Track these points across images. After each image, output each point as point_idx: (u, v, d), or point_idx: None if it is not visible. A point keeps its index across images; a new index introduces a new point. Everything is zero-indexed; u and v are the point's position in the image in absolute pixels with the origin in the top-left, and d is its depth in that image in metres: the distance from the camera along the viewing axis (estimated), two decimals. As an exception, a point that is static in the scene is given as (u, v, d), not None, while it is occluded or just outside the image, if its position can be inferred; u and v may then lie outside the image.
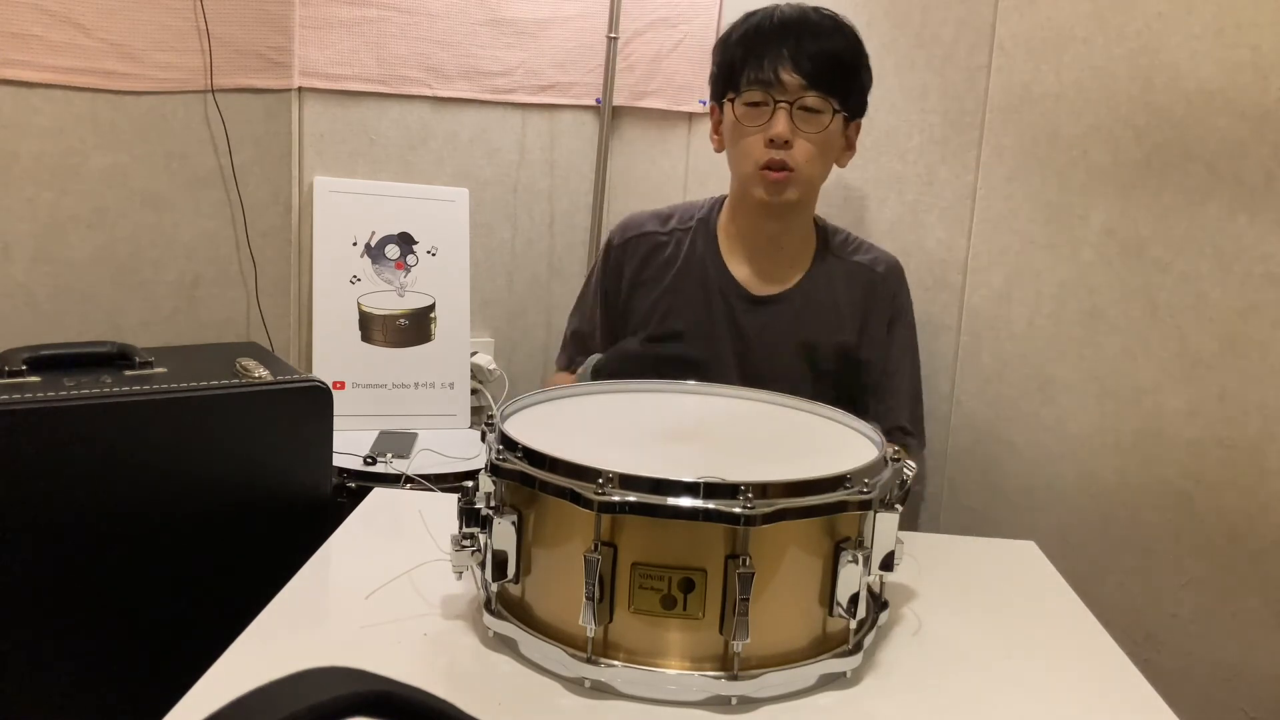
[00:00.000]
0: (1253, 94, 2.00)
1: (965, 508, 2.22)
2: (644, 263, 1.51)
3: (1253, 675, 2.13)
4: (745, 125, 1.37)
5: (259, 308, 2.22)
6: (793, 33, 1.36)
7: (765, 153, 1.36)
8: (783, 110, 1.34)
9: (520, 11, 2.24)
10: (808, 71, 1.34)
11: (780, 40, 1.35)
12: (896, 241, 2.19)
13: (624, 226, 1.56)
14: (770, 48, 1.35)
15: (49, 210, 1.96)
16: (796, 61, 1.34)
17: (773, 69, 1.34)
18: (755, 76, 1.35)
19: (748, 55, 1.37)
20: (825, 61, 1.36)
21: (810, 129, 1.36)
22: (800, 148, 1.36)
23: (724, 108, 1.42)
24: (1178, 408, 2.11)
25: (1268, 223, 2.03)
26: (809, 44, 1.35)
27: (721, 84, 1.42)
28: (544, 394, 1.15)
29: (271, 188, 2.22)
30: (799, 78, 1.34)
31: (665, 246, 1.51)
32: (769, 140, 1.35)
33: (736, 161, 1.41)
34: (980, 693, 0.93)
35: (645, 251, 1.52)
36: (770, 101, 1.35)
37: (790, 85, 1.34)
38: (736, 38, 1.40)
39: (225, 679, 0.88)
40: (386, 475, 1.88)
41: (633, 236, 1.53)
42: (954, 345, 2.19)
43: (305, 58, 2.21)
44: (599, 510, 0.85)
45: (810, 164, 1.38)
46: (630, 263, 1.52)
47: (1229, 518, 2.11)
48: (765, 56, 1.35)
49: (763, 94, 1.35)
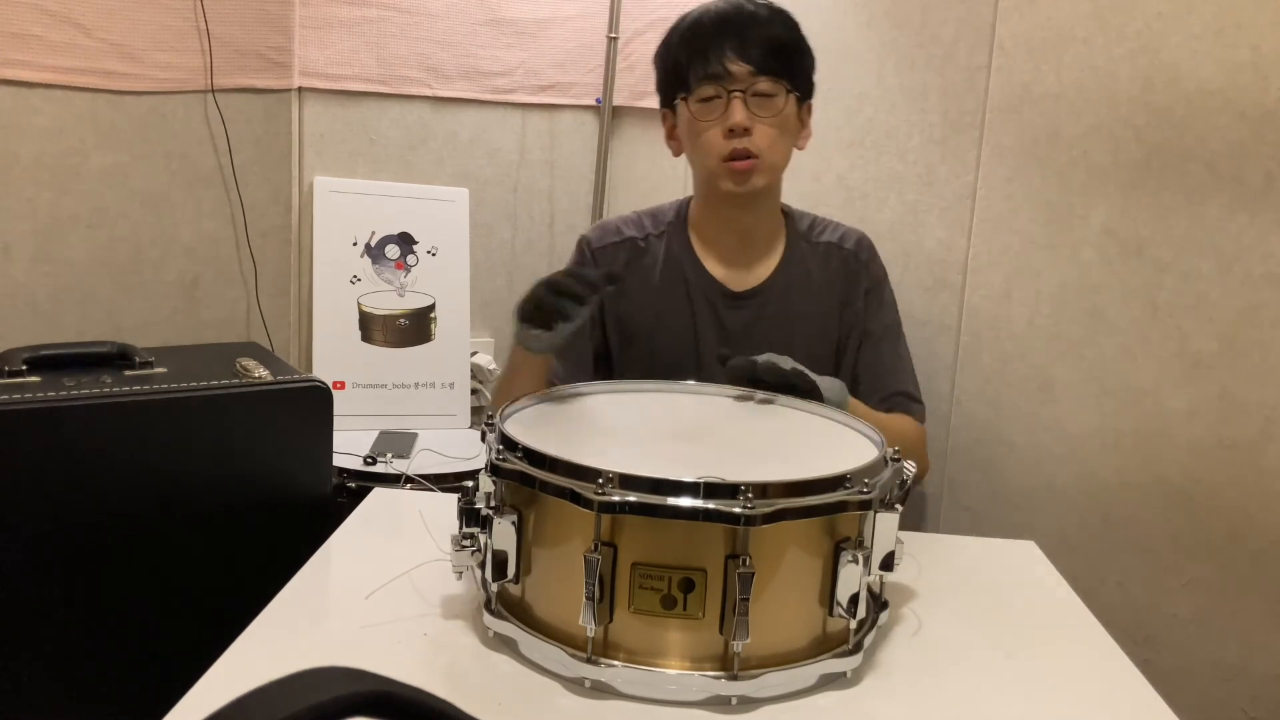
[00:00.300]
0: (1253, 94, 2.00)
1: (965, 508, 2.22)
2: (625, 268, 1.49)
3: (1253, 675, 2.13)
4: (702, 121, 1.37)
5: (259, 308, 2.22)
6: (733, 24, 1.36)
7: (726, 144, 1.36)
8: (737, 99, 1.34)
9: (520, 11, 2.24)
10: (755, 59, 1.35)
11: (722, 34, 1.36)
12: (896, 241, 2.19)
13: (601, 231, 1.53)
14: (714, 42, 1.35)
15: (49, 210, 1.96)
16: (742, 51, 1.35)
17: (720, 62, 1.34)
18: (704, 72, 1.36)
19: (693, 54, 1.37)
20: (770, 47, 1.37)
21: (767, 113, 1.36)
22: (760, 133, 1.36)
23: (677, 110, 1.42)
24: (1178, 408, 2.11)
25: (1268, 223, 2.03)
26: (751, 33, 1.36)
27: (671, 87, 1.42)
28: (544, 394, 1.15)
29: (271, 188, 2.22)
30: (747, 66, 1.35)
31: (644, 252, 1.50)
32: (728, 131, 1.35)
33: (699, 159, 1.41)
34: (980, 693, 0.93)
35: (626, 258, 1.50)
36: (723, 93, 1.35)
37: (740, 74, 1.34)
38: (678, 40, 1.41)
39: (225, 679, 0.88)
40: (386, 475, 1.88)
41: (612, 242, 1.51)
42: (954, 345, 2.19)
43: (305, 58, 2.21)
44: (599, 510, 0.85)
45: (773, 148, 1.39)
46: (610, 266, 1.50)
47: (1229, 518, 2.10)
48: (710, 51, 1.35)
49: (714, 87, 1.35)
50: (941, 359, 2.21)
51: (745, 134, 1.35)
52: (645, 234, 1.50)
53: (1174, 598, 2.15)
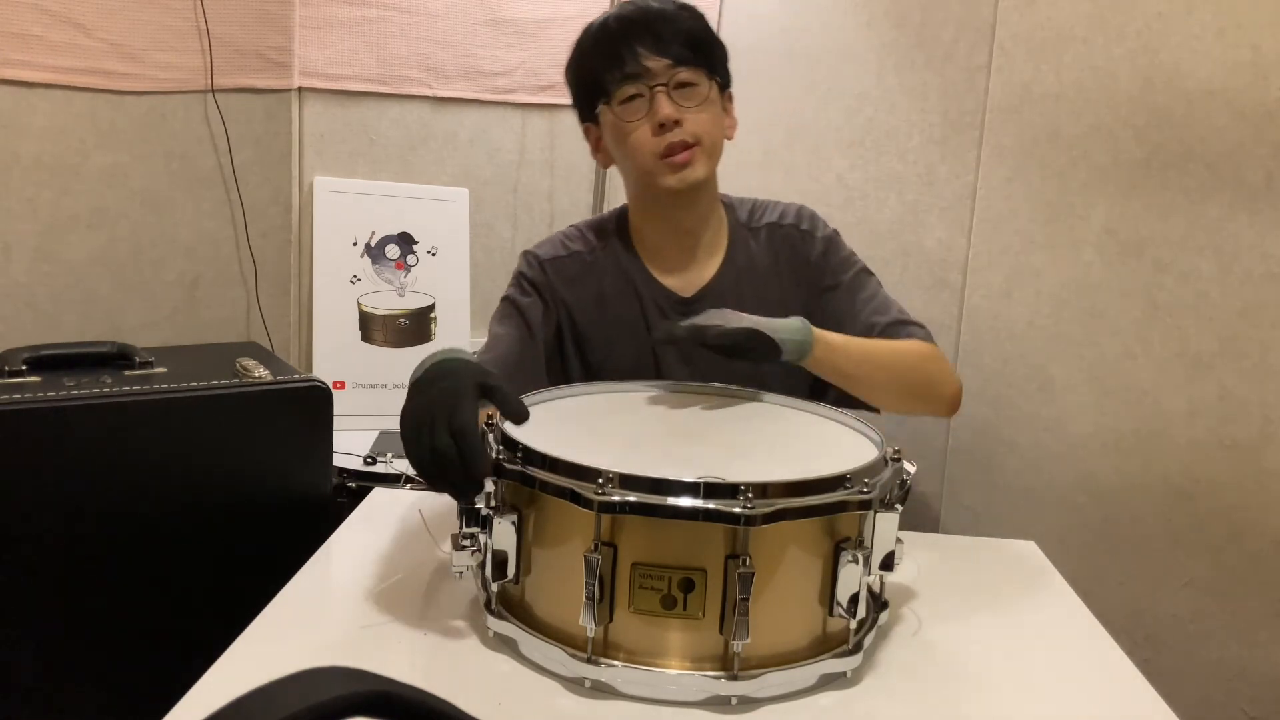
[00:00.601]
0: (1253, 94, 2.00)
1: (965, 508, 2.22)
2: (574, 286, 1.42)
3: (1253, 675, 2.13)
4: (628, 122, 1.33)
5: (259, 308, 2.22)
6: (641, 22, 1.34)
7: (659, 140, 1.31)
8: (660, 92, 1.31)
9: (520, 11, 2.24)
10: (671, 51, 1.32)
11: (632, 33, 1.33)
12: (896, 241, 2.19)
13: (548, 245, 1.45)
14: (626, 43, 1.33)
15: (49, 210, 1.96)
16: (657, 45, 1.31)
17: (636, 60, 1.31)
18: (622, 74, 1.32)
19: (607, 59, 1.34)
20: (684, 38, 1.33)
21: (692, 102, 1.32)
22: (692, 120, 1.32)
23: (600, 120, 1.38)
24: (1178, 408, 2.11)
25: (1268, 223, 2.03)
26: (662, 27, 1.33)
27: (589, 98, 1.38)
28: (544, 394, 1.15)
29: (271, 188, 2.22)
30: (664, 59, 1.31)
31: (592, 266, 1.43)
32: (658, 126, 1.31)
33: (632, 162, 1.35)
34: (980, 693, 0.93)
35: (575, 271, 1.42)
36: (645, 90, 1.31)
37: (658, 69, 1.31)
38: (589, 49, 1.38)
39: (225, 679, 0.88)
40: (386, 475, 1.88)
41: (561, 256, 1.43)
42: (954, 345, 2.19)
43: (305, 58, 2.21)
44: (599, 510, 0.85)
45: (708, 134, 1.34)
46: (560, 280, 1.42)
47: (1229, 518, 2.11)
48: (624, 52, 1.32)
49: (635, 86, 1.32)
50: (941, 359, 2.21)
51: (676, 125, 1.31)
52: (591, 248, 1.44)
53: (1174, 598, 2.15)
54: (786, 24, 2.17)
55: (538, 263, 1.42)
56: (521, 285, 1.41)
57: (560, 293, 1.41)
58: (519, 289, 1.41)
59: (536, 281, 1.41)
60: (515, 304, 1.40)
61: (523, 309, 1.39)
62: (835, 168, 2.18)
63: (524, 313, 1.39)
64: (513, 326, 1.38)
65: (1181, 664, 2.14)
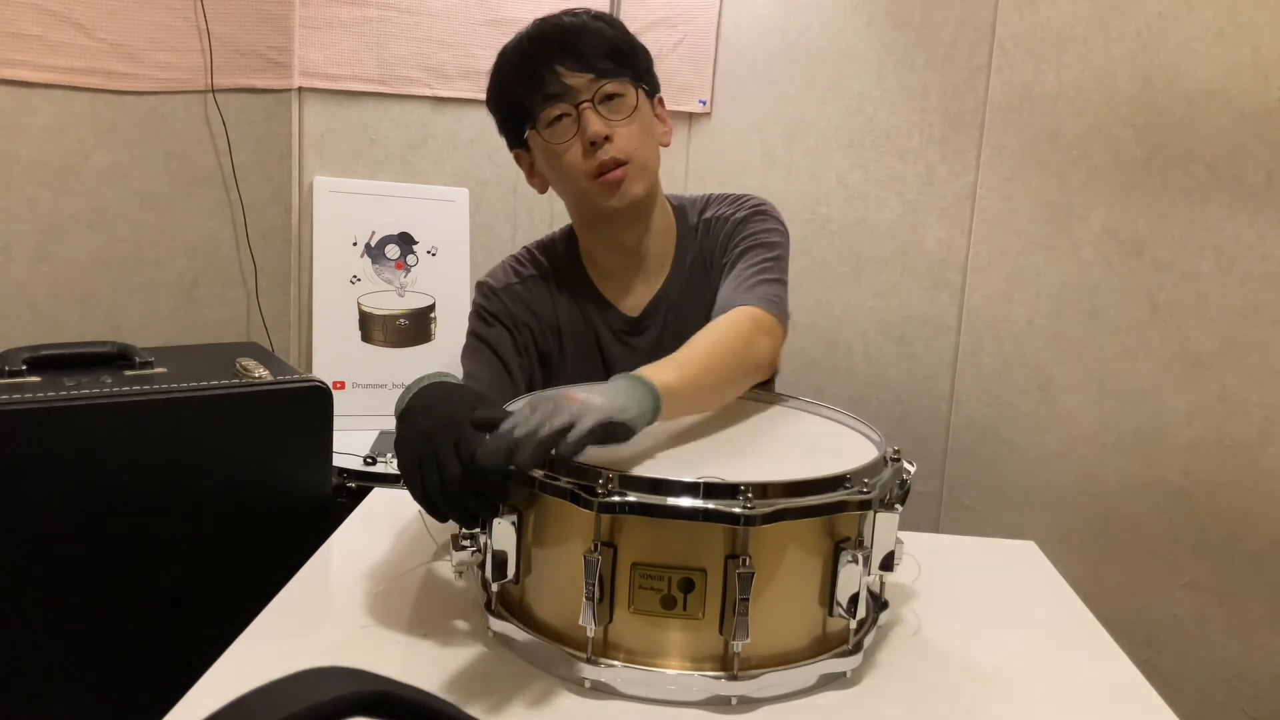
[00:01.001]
0: (1253, 94, 2.00)
1: (965, 508, 2.22)
2: (533, 310, 1.37)
3: (1253, 675, 2.13)
4: (558, 144, 1.27)
5: (259, 308, 2.22)
6: (557, 39, 1.29)
7: (590, 160, 1.26)
8: (587, 109, 1.25)
9: (520, 11, 2.24)
10: (592, 65, 1.26)
11: (550, 52, 1.28)
12: (896, 241, 2.19)
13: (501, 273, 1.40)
14: (542, 65, 1.27)
15: (49, 210, 1.96)
16: (577, 61, 1.26)
17: (557, 80, 1.26)
18: (544, 95, 1.27)
19: (528, 82, 1.28)
20: (603, 50, 1.28)
21: (620, 114, 1.27)
22: (622, 136, 1.26)
23: (529, 146, 1.33)
24: (1178, 408, 2.11)
25: (1268, 223, 2.03)
26: (578, 42, 1.28)
27: (516, 124, 1.32)
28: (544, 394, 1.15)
29: (271, 188, 2.22)
30: (586, 75, 1.26)
31: (546, 291, 1.38)
32: (589, 145, 1.25)
33: (568, 183, 1.30)
34: (980, 693, 0.93)
35: (530, 297, 1.37)
36: (571, 110, 1.26)
37: (581, 85, 1.26)
38: (508, 73, 1.32)
39: (225, 679, 0.88)
40: (386, 475, 1.89)
41: (514, 283, 1.38)
42: (954, 345, 2.19)
43: (305, 58, 2.21)
44: (599, 510, 0.85)
45: (639, 149, 1.28)
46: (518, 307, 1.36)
47: (1229, 518, 2.11)
48: (543, 73, 1.27)
49: (559, 106, 1.26)
50: (941, 359, 2.21)
51: (607, 142, 1.25)
52: (544, 271, 1.39)
53: (1174, 598, 2.15)
54: (786, 24, 2.17)
55: (493, 293, 1.37)
56: (484, 318, 1.36)
57: (520, 317, 1.36)
58: (482, 322, 1.36)
59: (496, 311, 1.36)
60: (482, 338, 1.35)
61: (491, 342, 1.34)
62: (835, 168, 2.18)
63: (493, 346, 1.34)
64: (484, 362, 1.33)
65: (1181, 664, 2.14)
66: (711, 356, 1.11)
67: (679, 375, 1.03)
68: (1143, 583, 2.16)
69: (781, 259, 1.32)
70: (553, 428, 0.86)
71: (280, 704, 0.39)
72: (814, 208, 2.17)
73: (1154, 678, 0.97)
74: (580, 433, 0.86)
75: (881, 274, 2.19)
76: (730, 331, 1.17)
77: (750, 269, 1.29)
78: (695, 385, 1.05)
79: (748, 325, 1.18)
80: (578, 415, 0.87)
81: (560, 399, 0.89)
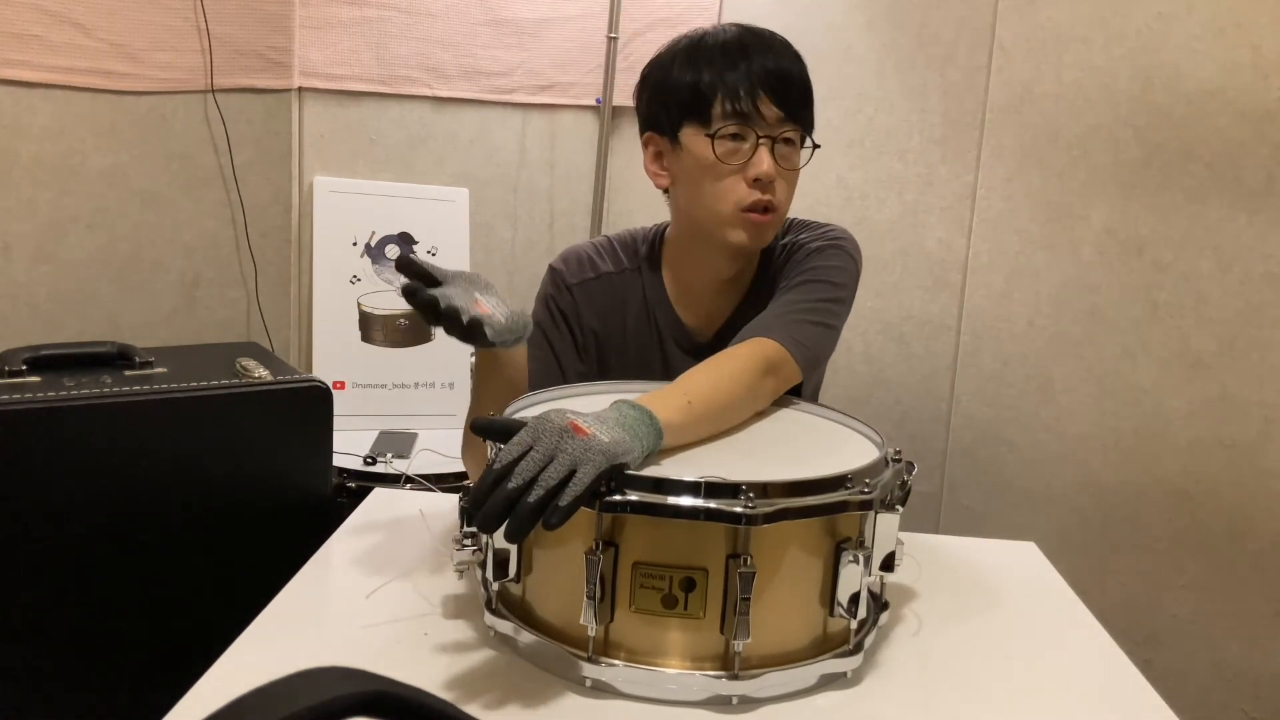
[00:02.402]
0: (1253, 94, 2.00)
1: (965, 508, 2.22)
2: (603, 314, 1.33)
3: (1253, 675, 2.13)
4: (725, 164, 1.20)
5: (259, 308, 2.22)
6: (765, 59, 1.20)
7: (749, 193, 1.20)
8: (764, 146, 1.19)
9: (520, 11, 2.24)
10: (788, 103, 1.20)
11: (762, 75, 1.19)
12: (896, 241, 2.19)
13: (576, 264, 1.35)
14: (746, 76, 1.19)
15: (49, 210, 1.96)
16: (778, 92, 1.19)
17: (750, 99, 1.18)
18: (732, 108, 1.19)
19: (720, 83, 1.19)
20: (797, 90, 1.22)
21: (789, 165, 1.23)
22: (781, 185, 1.22)
23: (679, 139, 1.24)
24: (1178, 408, 2.11)
25: (1268, 223, 2.03)
26: (778, 69, 1.20)
27: (680, 113, 1.23)
28: (545, 393, 1.15)
29: (271, 188, 2.22)
30: (779, 110, 1.20)
31: (620, 290, 1.34)
32: (753, 180, 1.19)
33: (710, 204, 1.23)
34: (980, 693, 0.93)
35: (603, 297, 1.33)
36: (751, 136, 1.19)
37: (771, 119, 1.19)
38: (701, 61, 1.22)
39: (225, 679, 0.88)
40: (386, 475, 1.89)
41: (590, 278, 1.34)
42: (954, 345, 2.19)
43: (305, 58, 2.21)
44: (600, 509, 0.85)
45: (787, 200, 1.24)
46: (589, 308, 1.33)
47: (1229, 518, 2.11)
48: (741, 85, 1.19)
49: (741, 127, 1.19)
50: (941, 359, 2.21)
51: (770, 184, 1.20)
52: (621, 268, 1.35)
53: (1174, 598, 2.15)
54: (786, 24, 2.16)
55: (566, 289, 1.33)
56: (550, 311, 1.33)
57: (587, 320, 1.33)
58: (549, 315, 1.33)
59: (565, 310, 1.33)
60: (547, 336, 1.32)
61: (553, 343, 1.32)
62: (835, 168, 2.18)
63: (555, 348, 1.32)
64: (540, 359, 1.31)
65: (1181, 664, 2.14)
66: (719, 391, 1.07)
67: (686, 416, 1.00)
68: (1143, 583, 2.16)
69: (839, 301, 1.26)
70: (547, 486, 0.83)
71: (280, 704, 0.39)
72: (814, 208, 2.17)
73: (1154, 678, 0.97)
74: (574, 495, 0.83)
75: (881, 274, 2.19)
76: (740, 369, 1.12)
77: (800, 304, 1.23)
78: (696, 424, 1.02)
79: (759, 365, 1.13)
80: (577, 461, 0.84)
81: (564, 433, 0.85)
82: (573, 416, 0.88)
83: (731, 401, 1.08)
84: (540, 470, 0.84)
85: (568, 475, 0.83)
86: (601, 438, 0.86)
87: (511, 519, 0.83)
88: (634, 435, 0.90)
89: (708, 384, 1.06)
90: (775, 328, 1.18)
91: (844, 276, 1.28)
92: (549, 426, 0.86)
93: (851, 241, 1.31)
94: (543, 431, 0.86)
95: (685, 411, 1.00)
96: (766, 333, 1.17)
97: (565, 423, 0.86)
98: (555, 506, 0.83)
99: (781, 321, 1.20)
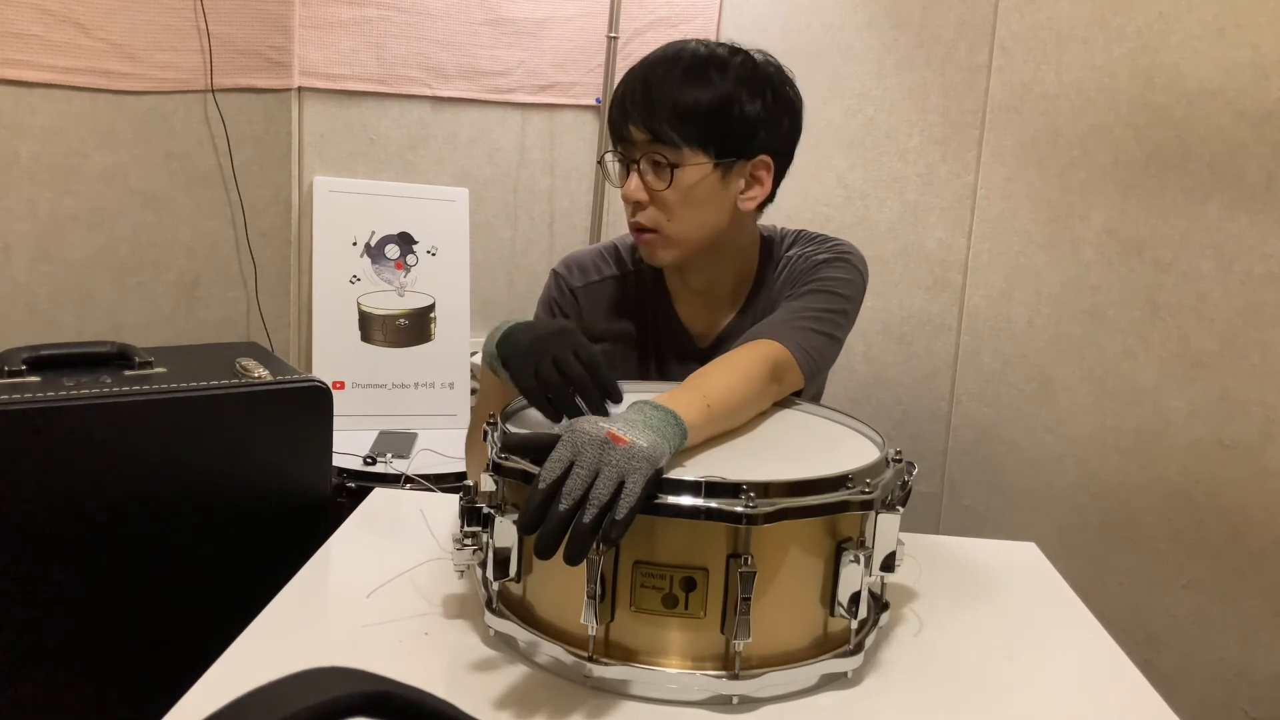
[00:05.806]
0: (1253, 94, 2.00)
1: (965, 508, 2.22)
2: (605, 317, 1.34)
3: (1253, 675, 2.13)
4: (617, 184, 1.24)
5: (259, 308, 2.22)
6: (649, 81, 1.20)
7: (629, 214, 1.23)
8: (633, 168, 1.21)
9: (520, 11, 2.24)
10: (655, 125, 1.18)
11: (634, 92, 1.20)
12: (896, 241, 2.19)
13: (579, 269, 1.36)
14: (625, 100, 1.21)
15: (49, 210, 1.96)
16: (645, 114, 1.19)
17: (624, 123, 1.20)
18: (616, 134, 1.23)
19: (614, 108, 1.23)
20: (679, 111, 1.18)
21: (660, 185, 1.20)
22: (656, 204, 1.20)
23: None
24: (1178, 408, 2.11)
25: (1268, 223, 2.03)
26: (663, 92, 1.19)
27: None
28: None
29: (271, 188, 2.22)
30: (645, 133, 1.19)
31: (623, 292, 1.35)
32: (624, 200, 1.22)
33: None
34: (980, 693, 0.93)
35: (606, 301, 1.34)
36: (625, 159, 1.22)
37: (638, 140, 1.19)
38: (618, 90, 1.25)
39: (225, 679, 0.88)
40: (386, 475, 1.89)
41: (594, 281, 1.35)
42: (954, 345, 2.19)
43: (305, 58, 2.21)
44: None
45: (672, 221, 1.21)
46: (592, 312, 1.34)
47: (1229, 518, 2.11)
48: (616, 106, 1.22)
49: (620, 148, 1.22)
50: (941, 359, 2.21)
51: (639, 207, 1.21)
52: (625, 272, 1.36)
53: (1174, 598, 2.15)
54: (786, 24, 2.17)
55: (569, 292, 1.34)
56: (552, 314, 1.35)
57: (589, 323, 1.34)
58: (550, 316, 1.35)
59: (568, 313, 1.34)
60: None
61: None
62: (835, 168, 2.18)
63: None
64: None
65: (1181, 664, 2.14)
66: (734, 392, 1.06)
67: (706, 418, 0.99)
68: (1143, 583, 2.16)
69: (844, 314, 1.26)
70: (600, 503, 0.81)
71: (280, 704, 0.39)
72: (814, 207, 2.17)
73: (1154, 678, 0.97)
74: (629, 507, 0.81)
75: (881, 274, 2.19)
76: (752, 371, 1.11)
77: (807, 312, 1.23)
78: (713, 425, 1.02)
79: (769, 369, 1.13)
80: (624, 471, 0.82)
81: (605, 445, 0.84)
82: (607, 424, 0.86)
83: (744, 403, 1.09)
84: (588, 486, 0.82)
85: (617, 488, 0.82)
86: (640, 443, 0.85)
87: (570, 542, 0.82)
88: (663, 437, 0.89)
89: (723, 385, 1.06)
90: (783, 333, 1.18)
91: (850, 289, 1.28)
92: (587, 438, 0.84)
93: (859, 256, 1.31)
94: (583, 444, 0.84)
95: (705, 413, 0.99)
96: (774, 336, 1.17)
97: (602, 433, 0.84)
98: (613, 521, 0.82)
99: (789, 327, 1.20)
